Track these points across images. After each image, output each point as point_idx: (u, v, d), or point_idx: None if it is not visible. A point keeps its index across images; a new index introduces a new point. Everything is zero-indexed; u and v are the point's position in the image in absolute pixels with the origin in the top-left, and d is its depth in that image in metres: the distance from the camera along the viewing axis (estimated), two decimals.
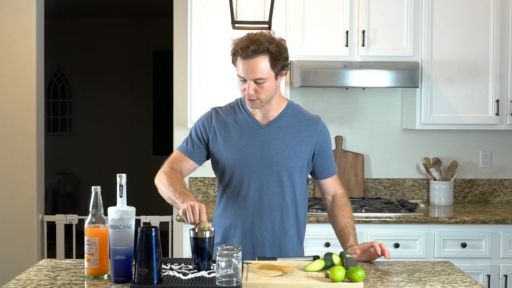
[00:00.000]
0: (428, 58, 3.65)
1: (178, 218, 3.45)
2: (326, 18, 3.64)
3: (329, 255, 1.98)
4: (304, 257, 2.16)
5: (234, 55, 2.21)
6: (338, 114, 4.04)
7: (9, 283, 1.85)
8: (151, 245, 1.78)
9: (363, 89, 3.93)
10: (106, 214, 1.91)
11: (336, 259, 1.96)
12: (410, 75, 3.54)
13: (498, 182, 4.05)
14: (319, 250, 3.17)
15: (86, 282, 1.88)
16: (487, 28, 3.66)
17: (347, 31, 3.61)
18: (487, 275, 3.38)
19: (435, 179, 3.87)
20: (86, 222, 1.92)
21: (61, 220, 4.41)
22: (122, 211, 1.86)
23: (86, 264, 1.91)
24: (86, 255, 1.91)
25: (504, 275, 3.40)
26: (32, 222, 4.23)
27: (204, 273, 1.90)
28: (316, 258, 2.07)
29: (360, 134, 4.05)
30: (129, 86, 8.11)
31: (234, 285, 1.76)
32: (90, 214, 1.92)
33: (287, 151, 2.26)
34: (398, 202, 3.82)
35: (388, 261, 2.18)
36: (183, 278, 1.85)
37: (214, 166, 2.35)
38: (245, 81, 2.19)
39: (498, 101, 3.66)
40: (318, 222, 3.34)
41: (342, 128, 4.04)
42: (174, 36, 4.11)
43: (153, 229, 1.79)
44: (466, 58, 3.67)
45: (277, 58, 2.17)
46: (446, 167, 3.92)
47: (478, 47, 3.67)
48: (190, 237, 1.98)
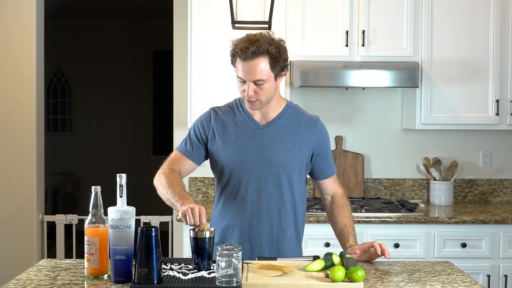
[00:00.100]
0: (428, 58, 3.65)
1: (178, 218, 3.45)
2: (326, 18, 3.64)
3: (329, 255, 1.98)
4: (304, 257, 2.16)
5: (234, 56, 2.20)
6: (338, 114, 4.04)
7: (9, 283, 1.85)
8: (151, 245, 1.78)
9: (363, 89, 3.93)
10: (106, 214, 1.91)
11: (336, 259, 1.96)
12: (410, 75, 3.55)
13: (498, 182, 4.05)
14: (319, 250, 3.17)
15: (86, 282, 1.88)
16: (487, 28, 3.66)
17: (347, 31, 3.61)
18: (487, 275, 3.38)
19: (435, 179, 3.87)
20: (86, 222, 1.92)
21: (61, 220, 4.41)
22: (122, 211, 1.86)
23: (86, 264, 1.91)
24: (86, 255, 1.91)
25: (504, 275, 3.40)
26: (32, 222, 4.23)
27: (204, 273, 1.90)
28: (316, 258, 2.07)
29: (360, 134, 4.05)
30: (129, 86, 8.11)
31: (234, 285, 1.76)
32: (90, 214, 1.92)
33: (286, 152, 2.26)
34: (398, 202, 3.82)
35: (388, 261, 2.18)
36: (183, 278, 1.85)
37: (213, 166, 2.35)
38: (244, 82, 2.18)
39: (498, 101, 3.66)
40: (318, 222, 3.34)
41: (342, 128, 4.04)
42: (174, 36, 4.11)
43: (153, 229, 1.79)
44: (466, 58, 3.67)
45: (276, 59, 2.16)
46: (446, 167, 3.92)
47: (478, 47, 3.67)
48: (190, 237, 1.98)
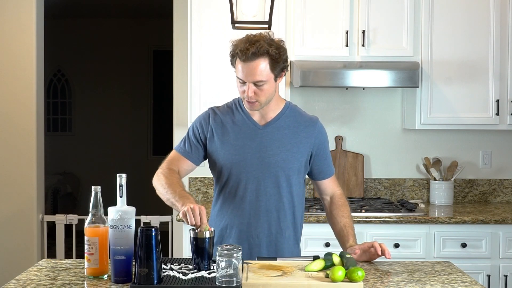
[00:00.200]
0: (428, 58, 3.65)
1: (178, 218, 3.45)
2: (326, 18, 3.64)
3: (329, 255, 1.98)
4: (304, 257, 2.16)
5: (233, 57, 2.19)
6: (338, 114, 4.04)
7: (9, 283, 1.85)
8: (151, 245, 1.78)
9: (363, 89, 3.93)
10: (106, 214, 1.91)
11: (336, 259, 1.96)
12: (410, 75, 3.54)
13: (498, 182, 4.04)
14: (319, 250, 3.17)
15: (86, 282, 1.88)
16: (487, 28, 3.66)
17: (347, 31, 3.61)
18: (487, 275, 3.38)
19: (435, 179, 3.87)
20: (86, 222, 1.92)
21: (61, 220, 4.41)
22: (122, 211, 1.86)
23: (86, 264, 1.91)
24: (86, 255, 1.91)
25: (504, 275, 3.40)
26: (32, 222, 4.23)
27: (204, 273, 1.90)
28: (316, 258, 2.07)
29: (360, 134, 4.05)
30: (129, 86, 8.11)
31: (234, 285, 1.76)
32: (90, 214, 1.92)
33: (285, 152, 2.26)
34: (398, 202, 3.82)
35: (388, 261, 2.18)
36: (183, 278, 1.85)
37: (212, 166, 2.34)
38: (244, 83, 2.18)
39: (498, 101, 3.66)
40: (318, 222, 3.34)
41: (342, 128, 4.04)
42: (174, 36, 4.11)
43: (153, 229, 1.79)
44: (466, 58, 3.67)
45: (277, 60, 2.16)
46: (446, 167, 3.92)
47: (478, 47, 3.67)
48: (190, 237, 1.98)
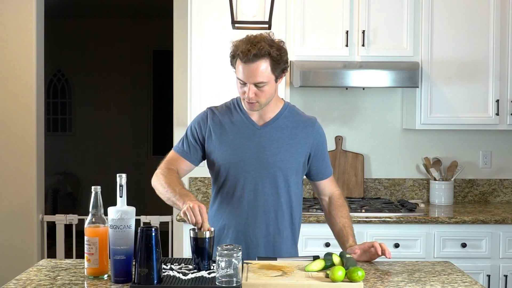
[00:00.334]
0: (428, 58, 3.65)
1: (178, 218, 3.45)
2: (326, 18, 3.64)
3: (329, 255, 1.98)
4: (304, 257, 2.16)
5: (234, 57, 2.19)
6: (338, 114, 4.04)
7: (9, 283, 1.85)
8: (151, 245, 1.78)
9: (363, 89, 3.93)
10: (106, 214, 1.91)
11: (336, 259, 1.96)
12: (410, 75, 3.54)
13: (498, 182, 4.04)
14: (319, 250, 3.17)
15: (86, 282, 1.88)
16: (487, 28, 3.66)
17: (347, 31, 3.61)
18: (487, 275, 3.38)
19: (435, 179, 3.87)
20: (86, 222, 1.92)
21: (61, 220, 4.41)
22: (122, 211, 1.86)
23: (86, 264, 1.91)
24: (86, 255, 1.91)
25: (504, 275, 3.40)
26: (32, 222, 4.23)
27: (204, 273, 1.90)
28: (316, 258, 2.07)
29: (360, 134, 4.05)
30: (129, 86, 8.11)
31: (234, 285, 1.76)
32: (90, 214, 1.92)
33: (283, 153, 2.26)
34: (398, 202, 3.82)
35: (388, 261, 2.18)
36: (183, 278, 1.85)
37: (210, 166, 2.34)
38: (245, 84, 2.17)
39: (498, 101, 3.66)
40: (318, 222, 3.34)
41: (342, 128, 4.04)
42: (174, 36, 4.11)
43: (153, 229, 1.79)
44: (466, 58, 3.67)
45: (278, 62, 2.16)
46: (446, 167, 3.92)
47: (478, 47, 3.67)
48: (190, 237, 1.98)
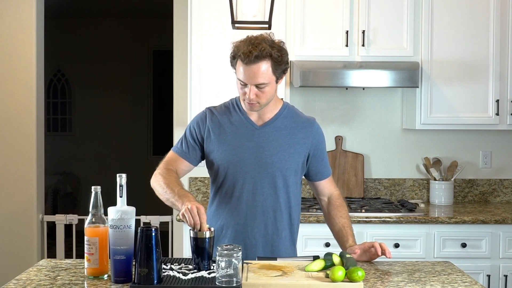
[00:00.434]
0: (428, 58, 3.65)
1: (178, 218, 3.45)
2: (326, 18, 3.64)
3: (329, 255, 1.98)
4: (304, 257, 2.16)
5: (234, 58, 2.19)
6: (338, 114, 4.04)
7: (9, 283, 1.85)
8: (151, 245, 1.78)
9: (363, 89, 3.93)
10: (106, 214, 1.91)
11: (336, 259, 1.96)
12: (410, 75, 3.54)
13: (498, 182, 4.04)
14: (319, 250, 3.17)
15: (86, 282, 1.88)
16: (487, 28, 3.66)
17: (347, 31, 3.61)
18: (487, 275, 3.38)
19: (435, 179, 3.87)
20: (86, 222, 1.92)
21: (61, 220, 4.41)
22: (122, 211, 1.86)
23: (86, 264, 1.91)
24: (86, 255, 1.91)
25: (504, 275, 3.40)
26: (32, 222, 4.23)
27: (204, 273, 1.90)
28: (316, 258, 2.07)
29: (360, 134, 4.05)
30: (129, 86, 8.11)
31: (234, 285, 1.76)
32: (90, 214, 1.92)
33: (282, 153, 2.26)
34: (398, 202, 3.82)
35: (388, 261, 2.18)
36: (183, 278, 1.85)
37: (208, 166, 2.34)
38: (245, 85, 2.17)
39: (498, 101, 3.66)
40: (318, 222, 3.34)
41: (342, 128, 4.04)
42: (174, 36, 4.11)
43: (153, 229, 1.79)
44: (466, 58, 3.67)
45: (279, 63, 2.16)
46: (446, 167, 3.92)
47: (478, 47, 3.67)
48: (190, 237, 1.98)
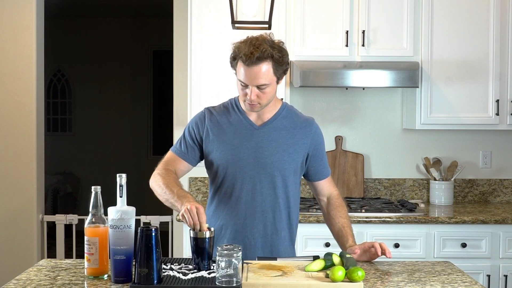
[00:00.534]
0: (428, 58, 3.65)
1: (178, 218, 3.45)
2: (326, 18, 3.64)
3: (329, 255, 1.98)
4: (304, 257, 2.16)
5: (235, 59, 2.19)
6: (338, 114, 4.04)
7: (9, 283, 1.85)
8: (151, 245, 1.78)
9: (363, 89, 3.93)
10: (106, 214, 1.91)
11: (336, 259, 1.96)
12: (410, 75, 3.54)
13: (498, 182, 4.04)
14: (319, 250, 3.17)
15: (86, 282, 1.88)
16: (487, 28, 3.66)
17: (347, 31, 3.61)
18: (487, 275, 3.38)
19: (435, 179, 3.87)
20: (86, 222, 1.92)
21: (61, 220, 4.41)
22: (122, 211, 1.86)
23: (86, 264, 1.91)
24: (86, 255, 1.91)
25: (504, 275, 3.40)
26: (32, 222, 4.23)
27: (204, 273, 1.90)
28: (316, 258, 2.07)
29: (360, 134, 4.05)
30: (129, 86, 8.11)
31: (234, 285, 1.76)
32: (90, 214, 1.92)
33: (281, 153, 2.26)
34: (398, 202, 3.82)
35: (388, 261, 2.18)
36: (183, 278, 1.85)
37: (207, 167, 2.34)
38: (246, 86, 2.17)
39: (498, 101, 3.66)
40: (318, 222, 3.34)
41: (342, 128, 4.04)
42: (174, 36, 4.11)
43: (153, 229, 1.79)
44: (466, 58, 3.67)
45: (280, 63, 2.17)
46: (446, 167, 3.92)
47: (478, 47, 3.67)
48: (190, 237, 1.98)
